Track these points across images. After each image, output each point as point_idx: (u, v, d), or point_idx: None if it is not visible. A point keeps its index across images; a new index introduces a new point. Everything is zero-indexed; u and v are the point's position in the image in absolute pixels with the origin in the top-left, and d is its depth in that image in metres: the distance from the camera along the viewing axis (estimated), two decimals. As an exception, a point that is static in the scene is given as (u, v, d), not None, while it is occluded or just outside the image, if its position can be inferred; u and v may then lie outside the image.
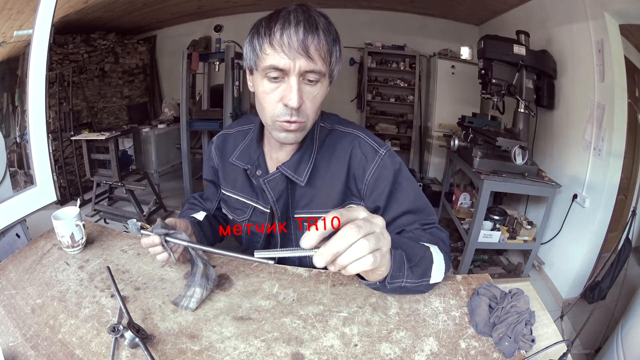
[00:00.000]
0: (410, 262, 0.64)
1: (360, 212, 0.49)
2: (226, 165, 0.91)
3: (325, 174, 0.81)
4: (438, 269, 0.70)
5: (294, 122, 0.68)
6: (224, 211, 0.97)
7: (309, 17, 0.64)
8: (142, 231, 0.71)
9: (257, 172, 0.82)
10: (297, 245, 0.88)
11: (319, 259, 0.46)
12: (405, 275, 0.63)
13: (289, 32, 0.63)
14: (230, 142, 0.91)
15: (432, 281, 0.69)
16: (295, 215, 0.84)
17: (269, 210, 0.86)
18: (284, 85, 0.66)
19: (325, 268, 0.53)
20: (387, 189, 0.80)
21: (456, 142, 2.59)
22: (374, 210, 0.82)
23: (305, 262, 0.90)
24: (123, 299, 0.67)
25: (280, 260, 0.91)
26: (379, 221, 0.49)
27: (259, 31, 0.66)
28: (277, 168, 0.80)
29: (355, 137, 0.82)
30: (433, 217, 0.83)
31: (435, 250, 0.71)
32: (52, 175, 1.13)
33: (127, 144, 3.72)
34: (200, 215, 0.94)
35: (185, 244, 0.71)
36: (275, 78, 0.66)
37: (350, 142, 0.81)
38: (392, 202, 0.80)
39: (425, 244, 0.71)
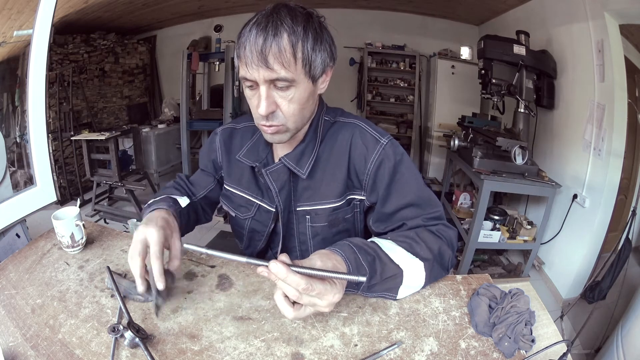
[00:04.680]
0: (372, 281, 0.66)
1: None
2: (232, 161, 0.89)
3: (326, 166, 0.80)
4: (408, 289, 0.72)
5: (269, 126, 0.70)
6: (224, 207, 0.96)
7: (272, 21, 0.63)
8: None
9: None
10: (299, 239, 0.87)
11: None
12: (360, 289, 0.69)
13: (250, 44, 0.63)
14: (237, 138, 0.90)
15: (398, 297, 0.72)
16: (297, 208, 0.84)
17: (274, 210, 0.85)
18: (258, 92, 0.68)
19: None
20: (386, 180, 0.78)
21: (456, 142, 2.59)
22: (375, 202, 0.82)
23: (307, 257, 0.89)
24: (123, 299, 0.67)
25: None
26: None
27: (235, 42, 0.68)
28: (279, 159, 0.80)
29: (356, 127, 0.81)
30: (437, 211, 0.81)
31: (412, 273, 0.70)
32: (52, 175, 1.13)
33: (127, 144, 3.72)
34: (184, 201, 0.88)
35: (204, 250, 0.63)
36: (250, 86, 0.68)
37: (351, 132, 0.80)
38: (392, 194, 0.79)
39: (403, 265, 0.69)
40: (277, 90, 0.67)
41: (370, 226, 0.86)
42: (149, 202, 0.82)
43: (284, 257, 0.56)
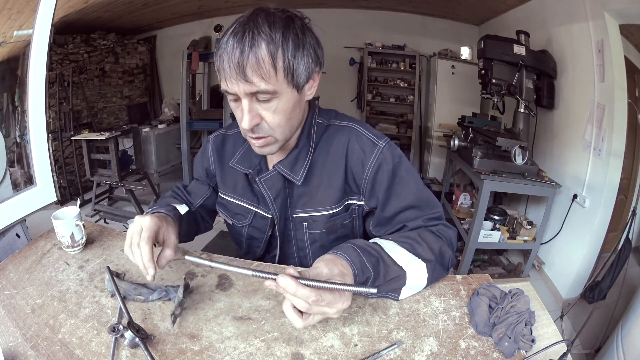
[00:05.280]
0: (376, 282, 0.65)
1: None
2: (225, 169, 0.88)
3: (322, 172, 0.79)
4: (410, 290, 0.71)
5: (256, 138, 0.69)
6: (221, 216, 0.95)
7: (248, 30, 0.60)
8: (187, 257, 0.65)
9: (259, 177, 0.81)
10: (297, 246, 0.87)
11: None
12: (364, 294, 0.67)
13: (228, 57, 0.61)
14: (229, 144, 0.88)
15: (400, 298, 0.71)
16: (294, 215, 0.83)
17: (270, 216, 0.84)
18: (241, 105, 0.65)
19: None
20: (385, 183, 0.77)
21: (456, 142, 2.59)
22: (375, 206, 0.81)
23: (306, 263, 0.89)
24: (123, 299, 0.67)
25: (281, 260, 0.91)
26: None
27: (214, 53, 0.66)
28: (273, 166, 0.78)
29: (352, 131, 0.79)
30: (437, 211, 0.80)
31: (415, 274, 0.69)
32: (52, 175, 1.13)
33: (127, 144, 3.72)
34: (183, 209, 0.87)
35: (207, 263, 0.63)
36: (234, 99, 0.66)
37: (347, 136, 0.78)
38: (392, 196, 0.78)
39: (406, 266, 0.68)
40: (260, 102, 0.65)
41: (370, 230, 0.85)
42: (147, 210, 0.82)
43: (291, 269, 0.55)
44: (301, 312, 0.56)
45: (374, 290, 0.53)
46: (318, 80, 0.72)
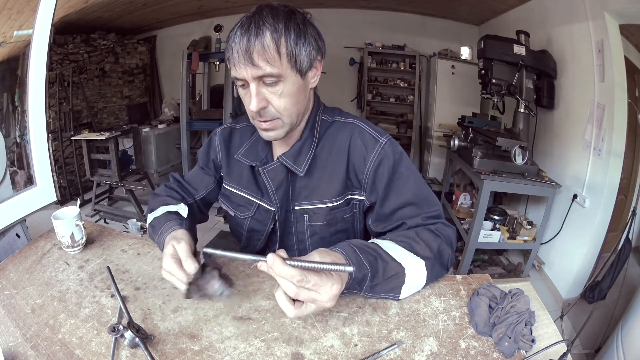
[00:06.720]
0: (374, 280, 0.66)
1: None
2: (231, 161, 0.90)
3: (325, 165, 0.81)
4: (410, 289, 0.71)
5: (263, 121, 0.73)
6: (223, 207, 0.96)
7: (254, 22, 0.66)
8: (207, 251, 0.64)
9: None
10: (297, 238, 0.88)
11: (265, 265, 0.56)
12: (363, 290, 0.67)
13: (237, 45, 0.67)
14: (237, 137, 0.91)
15: (401, 297, 0.71)
16: (295, 207, 0.84)
17: (274, 209, 0.85)
18: (249, 90, 0.70)
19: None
20: (385, 179, 0.79)
21: (456, 142, 2.59)
22: (375, 201, 0.82)
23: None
24: (123, 299, 0.67)
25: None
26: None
27: (225, 46, 0.72)
28: (276, 158, 0.80)
29: (355, 127, 0.82)
30: (436, 209, 0.81)
31: (414, 271, 0.69)
32: (52, 175, 1.13)
33: (127, 144, 3.72)
34: (184, 211, 0.86)
35: (205, 250, 0.65)
36: (242, 85, 0.71)
37: (350, 132, 0.81)
38: (391, 192, 0.79)
39: (405, 263, 0.68)
40: (267, 86, 0.69)
41: (370, 226, 0.86)
42: (155, 222, 0.80)
43: (281, 252, 0.57)
44: (293, 301, 0.56)
45: (351, 268, 0.54)
46: (320, 69, 0.76)
